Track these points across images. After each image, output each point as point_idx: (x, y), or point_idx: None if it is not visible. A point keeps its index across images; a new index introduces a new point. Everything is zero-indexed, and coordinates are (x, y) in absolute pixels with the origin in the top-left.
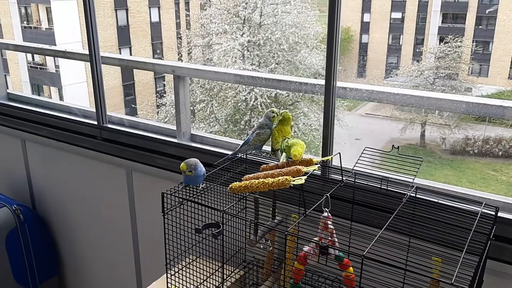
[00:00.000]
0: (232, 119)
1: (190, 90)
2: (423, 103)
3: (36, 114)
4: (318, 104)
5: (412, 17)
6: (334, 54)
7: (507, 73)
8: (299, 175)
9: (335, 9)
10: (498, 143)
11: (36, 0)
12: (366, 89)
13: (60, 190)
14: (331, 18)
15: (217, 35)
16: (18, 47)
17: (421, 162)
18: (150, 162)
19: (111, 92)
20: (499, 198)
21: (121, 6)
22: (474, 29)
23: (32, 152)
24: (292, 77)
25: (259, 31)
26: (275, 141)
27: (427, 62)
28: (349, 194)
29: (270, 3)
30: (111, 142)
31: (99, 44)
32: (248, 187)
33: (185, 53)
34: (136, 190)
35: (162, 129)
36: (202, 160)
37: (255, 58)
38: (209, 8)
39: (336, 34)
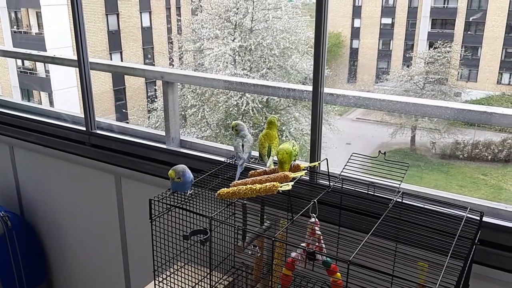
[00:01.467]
0: (224, 123)
1: (182, 95)
2: (409, 109)
3: (24, 120)
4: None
5: (401, 22)
6: (321, 61)
7: (495, 78)
8: (286, 181)
9: (322, 18)
10: (487, 148)
11: (26, 4)
12: (353, 95)
13: (48, 196)
14: (318, 26)
15: (208, 40)
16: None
17: (407, 168)
18: (139, 168)
19: (102, 97)
20: (484, 203)
21: (112, 11)
22: (463, 34)
23: (20, 158)
24: (280, 83)
25: (250, 36)
26: (261, 146)
27: (417, 67)
28: (336, 200)
29: (261, 9)
30: (99, 148)
31: (87, 50)
32: (236, 193)
33: (176, 58)
34: (125, 196)
35: (151, 135)
36: (191, 166)
37: (247, 63)
38: (201, 13)
39: (323, 41)
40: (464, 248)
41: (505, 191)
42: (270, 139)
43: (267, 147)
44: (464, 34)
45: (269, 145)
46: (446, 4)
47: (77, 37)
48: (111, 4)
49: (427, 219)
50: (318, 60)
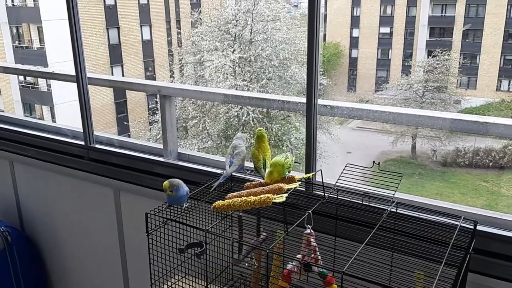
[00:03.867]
0: (225, 134)
1: (183, 107)
2: (402, 120)
3: (24, 135)
4: None
5: (400, 31)
6: (314, 74)
7: (494, 85)
8: (281, 192)
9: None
10: (488, 154)
11: (27, 20)
12: (347, 107)
13: (48, 210)
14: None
15: (208, 52)
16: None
17: (401, 178)
18: (137, 182)
19: (103, 110)
20: (478, 211)
21: (113, 25)
22: (461, 42)
23: (20, 173)
24: (275, 96)
25: (250, 48)
26: (256, 159)
27: (416, 76)
28: (332, 210)
29: (260, 20)
30: (98, 162)
31: (85, 66)
32: (231, 205)
33: (177, 70)
34: (124, 209)
35: (149, 148)
36: (188, 178)
37: (247, 74)
38: (200, 26)
39: (316, 55)
40: (458, 257)
41: (506, 198)
42: (264, 151)
43: (261, 159)
44: (462, 42)
45: (263, 157)
46: (443, 13)
47: (75, 52)
48: (111, 18)
49: (421, 228)
50: (311, 73)
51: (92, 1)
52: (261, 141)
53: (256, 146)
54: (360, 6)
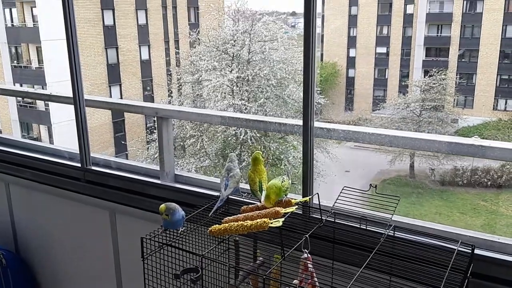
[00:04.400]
0: (223, 153)
1: (181, 126)
2: (399, 143)
3: (20, 157)
4: None
5: (396, 51)
6: (311, 97)
7: (491, 104)
8: (277, 216)
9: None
10: (486, 173)
11: (26, 40)
12: (343, 129)
13: (43, 233)
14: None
15: (206, 72)
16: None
17: (398, 201)
18: (134, 204)
19: (101, 129)
20: (476, 234)
21: (112, 44)
22: (458, 62)
23: (16, 195)
24: (272, 118)
25: (248, 67)
26: (252, 182)
27: (413, 95)
28: (329, 234)
29: (258, 40)
30: (94, 184)
31: (83, 88)
32: (228, 230)
33: (175, 89)
34: (120, 232)
35: (146, 170)
36: (185, 201)
37: (244, 93)
38: (199, 46)
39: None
40: (456, 281)
41: (505, 217)
42: (260, 174)
43: (258, 182)
44: (458, 62)
45: (259, 180)
46: (439, 33)
47: (72, 76)
48: (110, 38)
49: (419, 252)
50: (307, 97)
51: (91, 22)
52: (257, 164)
53: (252, 168)
54: (356, 27)
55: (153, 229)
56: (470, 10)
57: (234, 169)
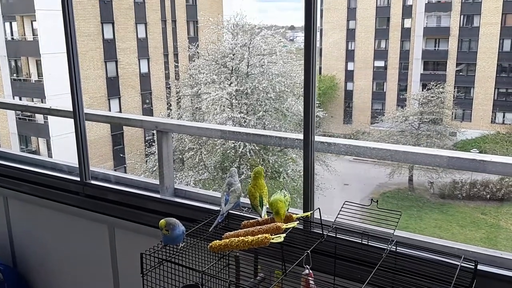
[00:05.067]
0: (221, 166)
1: (179, 139)
2: (399, 157)
3: (19, 171)
4: None
5: (394, 65)
6: (311, 112)
7: (489, 117)
8: (278, 232)
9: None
10: (485, 186)
11: (26, 53)
12: (344, 144)
13: (42, 247)
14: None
15: (205, 85)
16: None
17: (399, 216)
18: (133, 218)
19: (100, 142)
20: (478, 250)
21: (111, 58)
22: (455, 76)
23: (14, 209)
24: (272, 132)
25: (247, 81)
26: (252, 197)
27: (411, 108)
28: (331, 249)
29: (257, 54)
30: (93, 198)
31: (83, 102)
32: (228, 245)
33: (174, 102)
34: (119, 247)
35: (146, 184)
36: (185, 215)
37: (243, 107)
38: (198, 59)
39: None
40: None
41: (505, 231)
42: (260, 188)
43: (258, 197)
44: (456, 75)
45: (260, 194)
46: (437, 47)
47: (72, 90)
48: (110, 52)
49: (422, 267)
50: (308, 111)
51: (91, 35)
52: (258, 178)
53: (253, 183)
54: (354, 41)
55: (152, 244)
56: (467, 24)
57: (235, 183)
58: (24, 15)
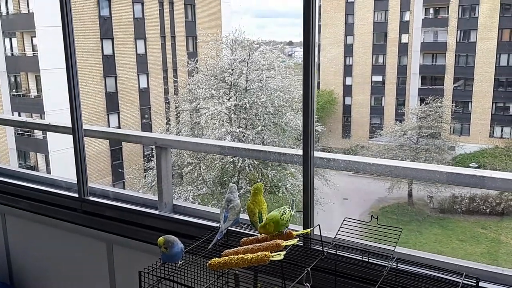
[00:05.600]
0: (220, 181)
1: (178, 153)
2: (399, 173)
3: (17, 187)
4: None
5: (392, 79)
6: (310, 128)
7: (487, 131)
8: (278, 249)
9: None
10: (485, 201)
11: (26, 69)
12: (343, 159)
13: (39, 264)
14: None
15: (204, 100)
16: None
17: (400, 232)
18: (131, 235)
19: (98, 157)
20: (480, 266)
21: (110, 73)
22: (453, 90)
23: (12, 226)
24: (272, 148)
25: (245, 95)
26: (251, 213)
27: (410, 122)
28: (331, 266)
29: (256, 69)
30: (91, 215)
31: (82, 118)
32: (227, 263)
33: (173, 117)
34: (117, 264)
35: (144, 200)
36: (184, 232)
37: (242, 121)
38: (197, 74)
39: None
40: None
41: (505, 245)
42: (259, 204)
43: (257, 213)
44: (453, 89)
45: (259, 211)
46: (434, 62)
47: (72, 106)
48: (109, 67)
49: (423, 285)
50: (307, 127)
51: (91, 51)
52: (258, 195)
53: (252, 199)
54: (352, 56)
55: (151, 261)
56: (464, 40)
57: (234, 200)
58: (24, 31)
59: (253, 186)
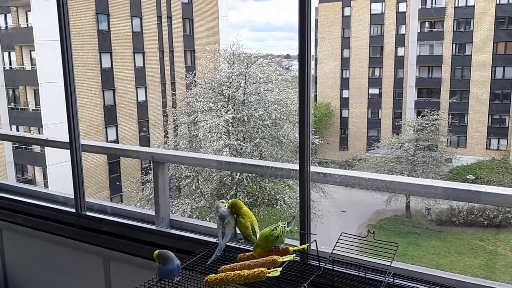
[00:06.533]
0: (218, 193)
1: (176, 166)
2: (394, 188)
3: (14, 202)
4: None
5: (389, 92)
6: (306, 143)
7: (484, 143)
8: (275, 265)
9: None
10: (482, 213)
11: (24, 82)
12: (339, 174)
13: (36, 279)
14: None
15: (202, 113)
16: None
17: (396, 248)
18: (128, 251)
19: (96, 170)
20: (476, 281)
21: (109, 87)
22: (449, 102)
23: (8, 241)
24: (269, 162)
25: (243, 108)
26: (243, 227)
27: (407, 135)
28: (328, 282)
29: (253, 82)
30: (88, 230)
31: (79, 134)
32: (224, 280)
33: (171, 130)
34: (114, 280)
35: (141, 215)
36: (181, 247)
37: (240, 134)
38: (195, 87)
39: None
40: None
41: (504, 257)
42: (249, 217)
43: (249, 226)
44: (450, 102)
45: (251, 224)
46: (430, 75)
47: (69, 122)
48: (107, 81)
49: None
50: (303, 143)
51: (89, 64)
52: (241, 208)
53: (241, 214)
54: (349, 69)
55: (148, 277)
56: (459, 53)
57: (227, 215)
58: (23, 45)
59: (230, 203)
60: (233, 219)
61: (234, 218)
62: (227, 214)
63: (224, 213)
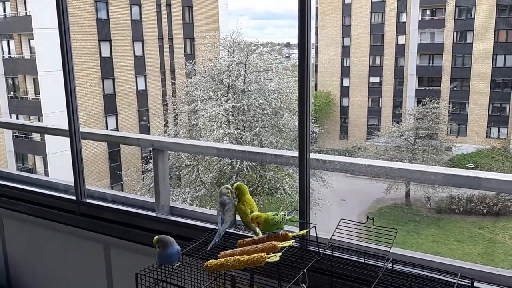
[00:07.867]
0: (218, 182)
1: (176, 155)
2: (394, 174)
3: (14, 190)
4: None
5: (389, 81)
6: (306, 130)
7: (484, 132)
8: (274, 250)
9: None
10: (482, 201)
11: (23, 71)
12: (339, 161)
13: (37, 267)
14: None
15: (202, 102)
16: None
17: (395, 234)
18: (128, 237)
19: (96, 159)
20: (475, 266)
21: (108, 75)
22: (450, 91)
23: (9, 229)
24: (268, 150)
25: (243, 97)
26: (243, 214)
27: (407, 123)
28: (327, 267)
29: (253, 71)
30: (89, 217)
31: (79, 122)
32: (224, 265)
33: (171, 119)
34: (114, 266)
35: (142, 202)
36: (181, 234)
37: (240, 123)
38: (194, 76)
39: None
40: None
41: (503, 245)
42: (250, 204)
43: (249, 213)
44: (450, 90)
45: (251, 210)
46: (431, 63)
47: (68, 108)
48: (107, 69)
49: (418, 285)
50: (303, 130)
51: (89, 53)
52: (244, 194)
53: (242, 200)
54: (349, 57)
55: (148, 263)
56: (460, 41)
57: (228, 202)
58: (22, 34)
59: (235, 186)
60: (234, 206)
61: (234, 205)
62: (228, 201)
63: (225, 201)
